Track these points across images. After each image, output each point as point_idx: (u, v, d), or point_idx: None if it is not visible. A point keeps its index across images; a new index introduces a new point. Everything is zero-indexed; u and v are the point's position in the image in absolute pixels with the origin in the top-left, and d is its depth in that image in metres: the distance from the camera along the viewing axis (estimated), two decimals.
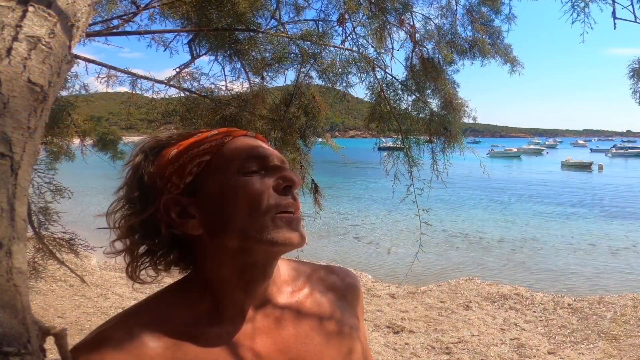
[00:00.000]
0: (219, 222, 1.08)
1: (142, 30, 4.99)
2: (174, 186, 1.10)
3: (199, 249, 1.13)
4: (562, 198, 30.82)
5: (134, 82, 5.11)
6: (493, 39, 6.04)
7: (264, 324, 1.13)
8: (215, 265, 1.11)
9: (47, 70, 0.74)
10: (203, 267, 1.13)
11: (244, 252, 1.08)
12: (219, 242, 1.08)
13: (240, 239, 1.06)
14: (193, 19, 4.58)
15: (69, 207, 6.57)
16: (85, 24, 0.93)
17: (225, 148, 1.13)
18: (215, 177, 1.10)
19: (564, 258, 15.32)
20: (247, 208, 1.06)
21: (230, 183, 1.08)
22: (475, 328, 8.20)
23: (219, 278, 1.11)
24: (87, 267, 11.58)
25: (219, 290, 1.11)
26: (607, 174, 50.84)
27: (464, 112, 5.72)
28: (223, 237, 1.07)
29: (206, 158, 1.11)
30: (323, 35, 4.86)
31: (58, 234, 5.58)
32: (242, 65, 5.25)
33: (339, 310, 1.26)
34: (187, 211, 1.09)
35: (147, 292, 10.05)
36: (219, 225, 1.08)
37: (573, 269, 13.91)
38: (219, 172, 1.10)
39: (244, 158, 1.12)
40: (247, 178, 1.09)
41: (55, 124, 5.59)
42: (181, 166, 1.10)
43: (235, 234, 1.06)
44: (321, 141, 5.99)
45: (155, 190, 1.10)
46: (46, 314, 8.33)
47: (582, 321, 8.58)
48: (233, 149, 1.13)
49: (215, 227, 1.08)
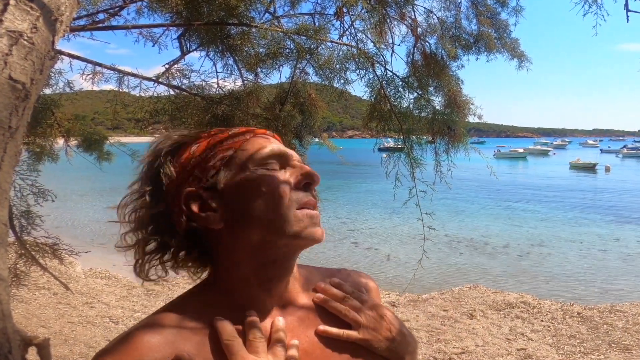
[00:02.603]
0: (241, 215, 1.13)
1: (130, 24, 4.98)
2: (196, 180, 1.15)
3: (218, 246, 1.17)
4: (571, 201, 30.90)
5: (121, 80, 5.11)
6: (499, 33, 6.02)
7: (289, 323, 1.16)
8: (233, 263, 1.15)
9: (30, 67, 0.74)
10: (220, 266, 1.18)
11: (265, 247, 1.13)
12: (240, 237, 1.13)
13: (263, 232, 1.11)
14: (183, 12, 4.56)
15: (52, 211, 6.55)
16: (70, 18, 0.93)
17: (247, 144, 1.20)
18: (238, 172, 1.16)
19: (573, 264, 15.34)
20: (269, 201, 1.12)
21: (253, 176, 1.14)
22: (480, 338, 8.19)
23: (237, 277, 1.15)
24: (72, 274, 11.54)
25: (238, 289, 1.15)
26: (615, 176, 50.81)
27: (468, 110, 5.71)
28: (245, 230, 1.12)
29: (229, 153, 1.18)
30: (320, 30, 4.84)
31: (41, 239, 5.56)
32: (234, 61, 5.25)
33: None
34: (209, 205, 1.13)
35: (135, 301, 10.06)
36: (241, 218, 1.13)
37: (582, 276, 13.93)
38: (241, 167, 1.16)
39: (267, 154, 1.18)
40: (270, 172, 1.16)
41: (37, 124, 5.57)
42: (204, 160, 1.16)
43: (257, 227, 1.12)
44: (318, 141, 5.98)
45: (173, 184, 1.15)
46: (29, 324, 8.30)
47: (592, 331, 8.57)
48: (256, 146, 1.19)
49: (237, 220, 1.13)
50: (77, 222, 21.74)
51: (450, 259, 15.92)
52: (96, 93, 7.65)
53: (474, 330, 8.56)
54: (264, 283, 1.15)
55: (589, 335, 8.34)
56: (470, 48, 5.98)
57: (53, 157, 6.18)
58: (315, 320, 1.21)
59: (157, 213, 1.15)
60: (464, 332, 8.48)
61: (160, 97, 5.16)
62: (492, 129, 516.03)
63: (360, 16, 5.44)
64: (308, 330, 1.18)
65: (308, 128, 5.48)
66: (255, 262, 1.13)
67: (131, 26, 4.94)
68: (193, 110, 4.93)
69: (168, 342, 1.01)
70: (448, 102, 5.68)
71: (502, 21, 6.03)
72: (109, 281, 11.73)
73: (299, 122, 5.27)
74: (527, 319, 9.20)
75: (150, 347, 0.99)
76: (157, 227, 1.16)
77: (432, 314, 9.42)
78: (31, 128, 5.41)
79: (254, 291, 1.15)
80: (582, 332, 8.51)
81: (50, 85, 5.51)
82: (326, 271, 1.40)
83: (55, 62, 0.89)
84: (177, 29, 5.06)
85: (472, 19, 6.05)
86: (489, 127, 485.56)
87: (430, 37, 6.04)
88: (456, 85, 5.73)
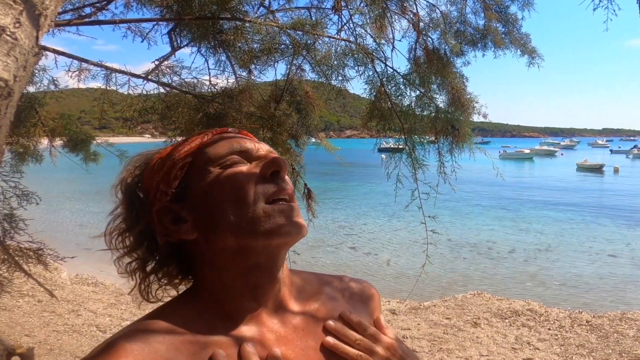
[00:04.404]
0: (211, 221, 1.11)
1: (117, 19, 4.97)
2: (163, 194, 1.15)
3: (198, 256, 1.16)
4: (580, 204, 30.91)
5: (109, 77, 5.09)
6: (508, 28, 6.00)
7: (283, 332, 1.15)
8: (216, 272, 1.13)
9: (12, 64, 0.73)
10: (204, 275, 1.16)
11: (244, 252, 1.10)
12: (215, 244, 1.12)
13: (235, 236, 1.09)
14: (173, 6, 4.57)
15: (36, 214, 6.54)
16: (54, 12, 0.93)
17: (206, 147, 1.18)
18: (200, 177, 1.14)
19: (582, 270, 15.36)
20: (234, 200, 1.10)
21: (215, 177, 1.13)
22: (485, 347, 8.20)
23: (222, 285, 1.13)
24: (57, 281, 11.54)
25: (225, 298, 1.13)
26: (624, 178, 50.86)
27: (473, 109, 5.69)
28: (218, 236, 1.11)
29: (189, 160, 1.16)
30: (317, 24, 4.83)
31: (25, 244, 5.55)
32: (227, 57, 5.24)
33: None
34: (180, 216, 1.13)
35: (123, 309, 10.04)
36: (212, 224, 1.11)
37: (592, 282, 13.94)
38: (202, 171, 1.14)
39: (226, 152, 1.17)
40: (230, 170, 1.14)
41: (21, 123, 5.57)
42: (166, 173, 1.16)
43: (227, 231, 1.09)
44: (315, 141, 5.97)
45: (146, 203, 1.16)
46: (12, 332, 8.28)
47: (602, 340, 8.58)
48: (214, 146, 1.18)
49: (207, 227, 1.12)
50: (63, 226, 21.71)
51: (453, 264, 15.92)
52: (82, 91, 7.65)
53: (478, 339, 8.56)
54: (252, 291, 1.13)
55: (599, 345, 8.35)
56: (476, 44, 5.97)
57: (37, 158, 6.18)
58: (311, 330, 1.18)
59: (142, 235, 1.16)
60: (468, 341, 8.49)
61: (150, 95, 5.16)
62: (497, 128, 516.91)
63: (359, 10, 5.44)
64: (301, 342, 1.15)
65: (304, 127, 5.47)
66: (237, 269, 1.11)
67: (119, 21, 4.93)
68: (184, 108, 4.93)
69: (156, 353, 0.96)
70: (452, 100, 5.66)
71: (511, 15, 5.99)
72: (96, 288, 11.72)
73: (295, 121, 5.26)
74: (533, 327, 9.21)
75: (135, 358, 0.93)
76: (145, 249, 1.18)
77: (435, 322, 9.43)
78: (14, 127, 5.41)
79: (241, 300, 1.12)
80: (591, 341, 8.53)
81: (34, 83, 5.51)
82: (327, 277, 1.39)
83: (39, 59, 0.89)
84: (167, 23, 5.05)
85: (479, 13, 6.03)
86: (493, 127, 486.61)
87: (433, 32, 6.03)
88: (460, 82, 5.71)
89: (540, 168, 68.27)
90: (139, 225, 1.15)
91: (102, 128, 7.92)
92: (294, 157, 5.33)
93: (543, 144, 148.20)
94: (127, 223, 1.17)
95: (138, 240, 1.16)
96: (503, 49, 5.96)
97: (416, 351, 8.06)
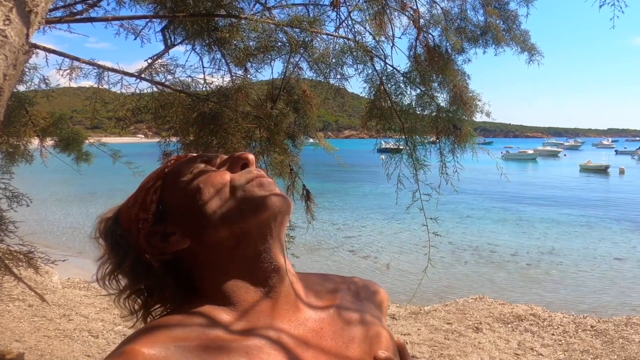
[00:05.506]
0: (199, 223, 1.14)
1: (110, 16, 4.97)
2: (144, 221, 1.20)
3: (197, 265, 1.18)
4: (583, 206, 30.94)
5: (101, 75, 5.08)
6: (508, 25, 6.00)
7: (302, 333, 1.15)
8: (218, 273, 1.15)
9: (2, 62, 0.73)
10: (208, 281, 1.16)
11: (240, 241, 1.13)
12: (211, 243, 1.14)
13: (227, 225, 1.13)
14: (167, 3, 4.57)
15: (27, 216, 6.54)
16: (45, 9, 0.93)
17: (172, 167, 1.26)
18: (174, 190, 1.20)
19: (586, 274, 15.37)
20: (214, 195, 1.14)
21: (188, 183, 1.18)
22: (487, 353, 8.20)
23: (232, 287, 1.13)
24: (48, 285, 11.52)
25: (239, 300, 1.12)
26: (630, 179, 50.89)
27: (475, 108, 5.68)
28: (211, 234, 1.13)
29: (159, 183, 1.23)
30: (314, 21, 4.83)
31: (15, 247, 5.55)
32: (222, 55, 5.24)
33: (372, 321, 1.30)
34: (167, 232, 1.17)
35: (116, 314, 10.01)
36: (200, 225, 1.14)
37: (596, 286, 13.95)
38: (174, 185, 1.21)
39: (192, 158, 1.27)
40: (201, 174, 1.20)
41: (11, 122, 5.56)
42: (142, 202, 1.22)
43: (220, 223, 1.13)
44: (313, 142, 5.97)
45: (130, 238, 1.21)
46: (2, 338, 8.27)
47: (607, 345, 8.58)
48: (180, 163, 1.26)
49: (198, 229, 1.14)
50: (54, 229, 21.74)
51: (455, 268, 15.94)
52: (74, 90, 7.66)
53: (480, 344, 8.56)
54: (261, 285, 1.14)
55: (604, 350, 8.35)
56: (477, 41, 5.96)
57: (27, 159, 6.17)
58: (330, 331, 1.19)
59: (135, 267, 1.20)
60: (469, 346, 8.48)
61: (143, 94, 5.16)
62: (500, 128, 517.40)
63: (358, 6, 5.43)
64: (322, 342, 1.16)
65: (302, 127, 5.47)
66: (238, 264, 1.13)
67: (111, 18, 4.93)
68: (178, 108, 4.93)
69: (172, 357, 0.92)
70: (454, 99, 5.65)
71: (511, 12, 6.00)
72: (88, 292, 11.69)
73: (292, 120, 5.27)
74: (536, 332, 9.21)
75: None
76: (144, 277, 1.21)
77: (435, 327, 9.42)
78: (4, 127, 5.41)
79: (253, 297, 1.13)
80: (596, 346, 8.52)
81: (25, 82, 5.50)
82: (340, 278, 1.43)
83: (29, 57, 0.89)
84: (160, 20, 5.05)
85: (479, 9, 6.03)
86: (495, 127, 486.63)
87: (434, 29, 6.02)
88: (462, 80, 5.70)
89: (544, 169, 68.35)
90: (128, 259, 1.19)
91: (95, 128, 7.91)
92: (291, 158, 5.33)
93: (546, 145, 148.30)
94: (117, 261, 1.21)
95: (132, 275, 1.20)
96: (503, 46, 5.96)
97: (416, 357, 8.06)
